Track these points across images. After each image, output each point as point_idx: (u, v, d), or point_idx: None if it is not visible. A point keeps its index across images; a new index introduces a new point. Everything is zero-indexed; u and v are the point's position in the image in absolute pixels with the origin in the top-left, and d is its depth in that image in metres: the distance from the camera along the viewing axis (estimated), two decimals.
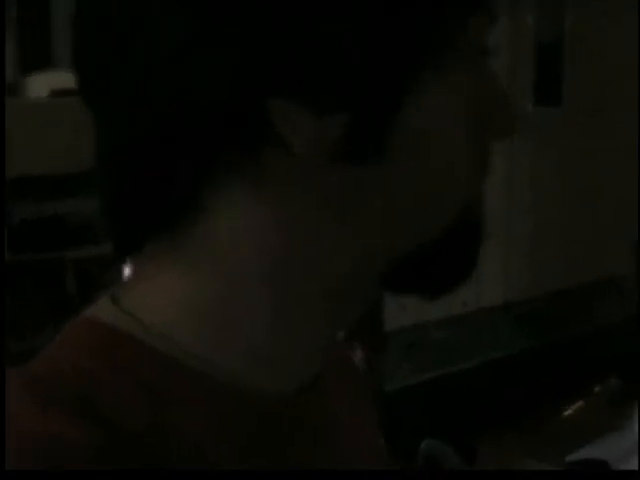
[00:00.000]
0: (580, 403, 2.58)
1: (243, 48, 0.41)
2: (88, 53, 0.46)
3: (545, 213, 2.72)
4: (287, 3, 0.41)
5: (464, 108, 0.46)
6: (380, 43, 0.42)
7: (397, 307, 2.18)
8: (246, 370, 0.47)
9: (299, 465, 0.48)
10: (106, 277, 0.53)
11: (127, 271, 0.50)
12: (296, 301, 0.47)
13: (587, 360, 2.73)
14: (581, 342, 2.79)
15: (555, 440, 2.30)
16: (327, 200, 0.45)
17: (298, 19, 0.41)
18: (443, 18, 0.44)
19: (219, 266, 0.46)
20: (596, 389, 2.67)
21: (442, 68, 0.44)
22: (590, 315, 2.88)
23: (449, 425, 2.23)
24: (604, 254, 2.96)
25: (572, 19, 2.68)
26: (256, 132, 0.43)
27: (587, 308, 2.88)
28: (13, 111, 1.53)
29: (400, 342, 2.24)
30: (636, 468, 2.01)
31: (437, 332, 2.53)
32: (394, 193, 0.45)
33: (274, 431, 0.48)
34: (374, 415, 0.63)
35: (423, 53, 0.44)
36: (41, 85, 1.57)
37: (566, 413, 2.52)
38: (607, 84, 2.87)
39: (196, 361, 0.45)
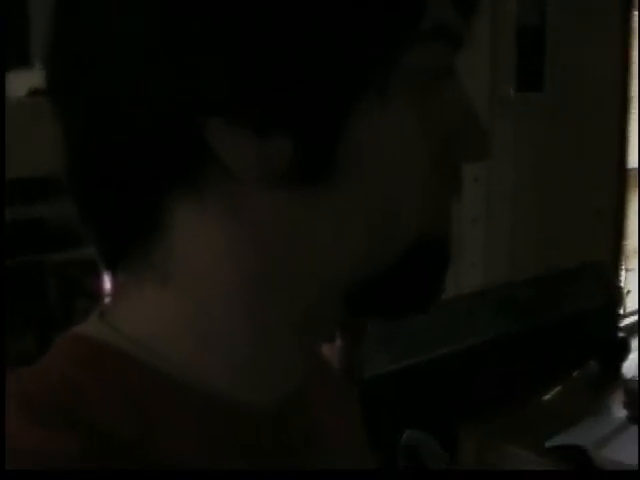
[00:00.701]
0: (559, 388, 2.60)
1: (178, 65, 0.40)
2: (55, 52, 0.45)
3: (525, 199, 2.72)
4: (224, 22, 0.40)
5: (423, 130, 0.45)
6: (320, 66, 0.41)
7: None
8: (228, 383, 0.47)
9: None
10: (87, 281, 0.53)
11: (108, 278, 0.50)
12: (263, 318, 0.47)
13: (565, 345, 2.74)
14: (559, 327, 2.80)
15: (534, 426, 2.31)
16: (276, 222, 0.44)
17: (233, 39, 0.40)
18: (383, 45, 0.43)
19: (186, 282, 0.46)
20: (575, 374, 2.69)
21: (389, 90, 0.44)
22: (568, 300, 2.89)
23: (428, 412, 2.23)
24: (583, 240, 2.98)
25: (553, 3, 2.68)
26: (194, 153, 0.42)
27: (565, 293, 2.89)
28: None
29: (377, 329, 2.23)
30: (614, 454, 2.03)
31: (414, 319, 2.52)
32: (345, 216, 0.45)
33: (258, 443, 0.47)
34: (357, 420, 0.63)
35: (365, 77, 0.43)
36: (19, 84, 1.54)
37: (545, 398, 2.53)
38: (589, 70, 2.87)
39: (179, 373, 0.45)
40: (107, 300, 0.50)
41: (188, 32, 0.40)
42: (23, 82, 1.52)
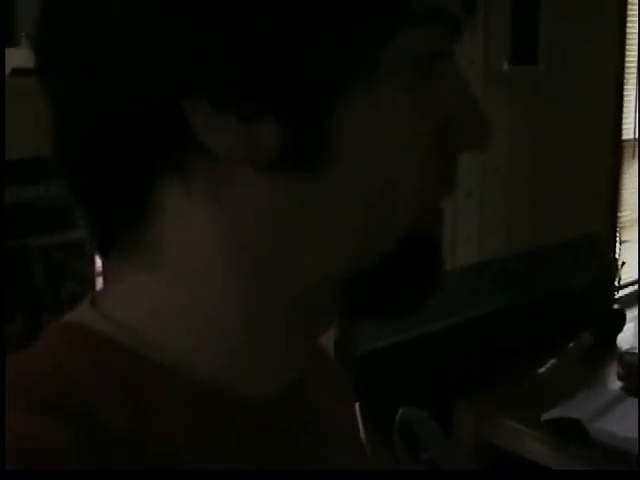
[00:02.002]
0: (554, 361, 2.61)
1: (163, 46, 0.40)
2: (44, 33, 0.45)
3: (520, 172, 2.71)
4: (209, 5, 0.39)
5: (417, 117, 0.44)
6: (305, 50, 0.40)
7: None
8: (223, 371, 0.46)
9: (281, 468, 0.48)
10: (74, 264, 0.52)
11: (99, 263, 0.50)
12: (255, 306, 0.46)
13: (561, 318, 2.75)
14: (555, 300, 2.80)
15: (530, 399, 2.32)
16: (262, 209, 0.43)
17: (218, 22, 0.39)
18: (371, 26, 0.41)
19: (175, 269, 0.45)
20: (570, 346, 2.70)
21: (379, 74, 0.42)
22: (564, 273, 2.89)
23: (423, 387, 2.24)
24: (579, 212, 2.97)
25: None
26: (179, 137, 0.42)
27: (560, 266, 2.89)
28: None
29: None
30: (610, 426, 2.05)
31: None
32: (335, 204, 0.43)
33: (255, 434, 0.47)
34: (355, 410, 0.63)
35: (352, 60, 0.41)
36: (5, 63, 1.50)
37: (540, 371, 2.55)
38: (585, 41, 2.85)
39: (172, 361, 0.45)
40: (99, 285, 0.50)
41: (173, 14, 0.39)
42: (7, 61, 1.50)
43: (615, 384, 2.38)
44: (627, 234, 3.31)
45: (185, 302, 0.46)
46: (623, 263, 3.06)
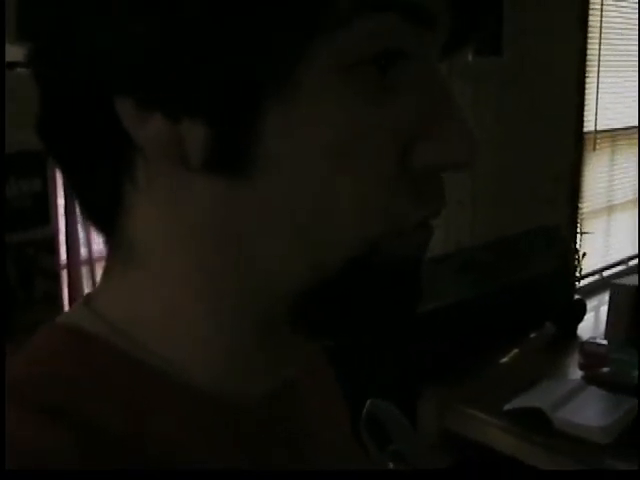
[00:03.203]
0: (516, 351, 2.63)
1: (90, 41, 0.39)
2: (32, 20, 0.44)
3: (483, 163, 2.73)
4: (132, 4, 0.38)
5: (366, 127, 0.40)
6: (223, 53, 0.38)
7: None
8: (210, 375, 0.46)
9: (269, 468, 0.47)
10: (45, 260, 0.52)
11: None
12: (222, 311, 0.45)
13: (522, 308, 2.77)
14: (516, 290, 2.83)
15: (492, 388, 2.35)
16: (205, 210, 0.42)
17: (140, 20, 0.38)
18: (283, 29, 0.38)
19: (148, 268, 0.45)
20: (531, 336, 2.72)
21: (303, 81, 0.39)
22: (525, 264, 2.92)
23: (388, 377, 2.25)
24: (541, 203, 3.00)
25: None
26: (118, 132, 0.41)
27: (522, 257, 2.92)
28: None
29: None
30: (572, 416, 2.07)
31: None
32: (268, 212, 0.41)
33: (250, 436, 0.47)
34: (344, 409, 0.62)
35: (268, 66, 0.38)
36: None
37: (502, 361, 2.57)
38: (548, 33, 2.88)
39: (161, 363, 0.45)
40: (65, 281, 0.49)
41: (103, 11, 0.39)
42: None
43: (576, 373, 2.41)
44: (588, 225, 3.35)
45: (160, 303, 0.45)
46: (584, 254, 3.10)
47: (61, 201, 1.66)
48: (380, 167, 0.41)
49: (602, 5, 3.18)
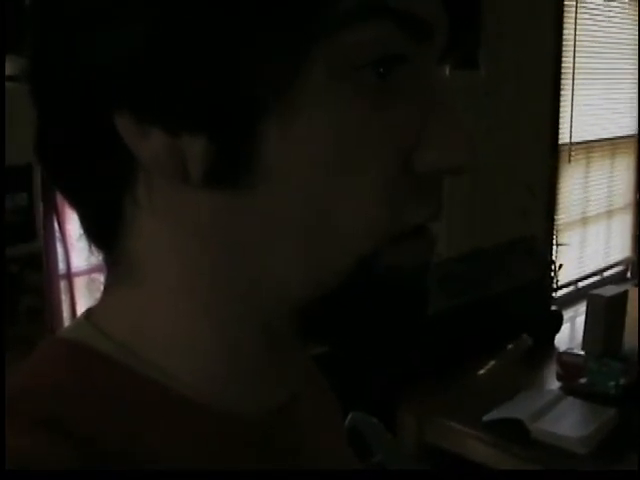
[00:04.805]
0: (493, 362, 2.64)
1: (89, 55, 0.39)
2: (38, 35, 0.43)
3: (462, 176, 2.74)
4: (135, 16, 0.39)
5: (368, 132, 0.40)
6: (221, 65, 0.38)
7: None
8: (212, 390, 0.45)
9: None
10: (29, 277, 0.51)
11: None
12: (224, 327, 0.45)
13: (499, 319, 2.78)
14: (493, 302, 2.84)
15: (471, 400, 2.35)
16: (206, 225, 0.42)
17: (138, 34, 0.38)
18: (288, 39, 0.38)
19: (149, 284, 0.45)
20: (508, 348, 2.73)
21: (303, 90, 0.39)
22: (501, 275, 2.93)
23: (366, 390, 2.24)
24: (517, 215, 3.02)
25: None
26: (116, 146, 0.41)
27: (498, 268, 2.93)
28: None
29: None
30: (550, 426, 2.08)
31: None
32: (272, 223, 0.41)
33: (252, 451, 0.46)
34: (340, 424, 0.62)
35: (267, 77, 0.39)
36: None
37: (480, 373, 2.57)
38: (524, 47, 2.90)
39: (162, 378, 0.44)
40: (55, 299, 0.49)
41: (103, 24, 0.39)
42: None
43: (554, 384, 2.42)
44: (563, 237, 3.38)
45: (162, 318, 0.45)
46: (560, 265, 3.12)
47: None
48: (381, 172, 0.41)
49: (576, 16, 3.21)
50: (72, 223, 1.57)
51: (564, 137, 3.30)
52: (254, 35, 0.38)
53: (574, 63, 3.23)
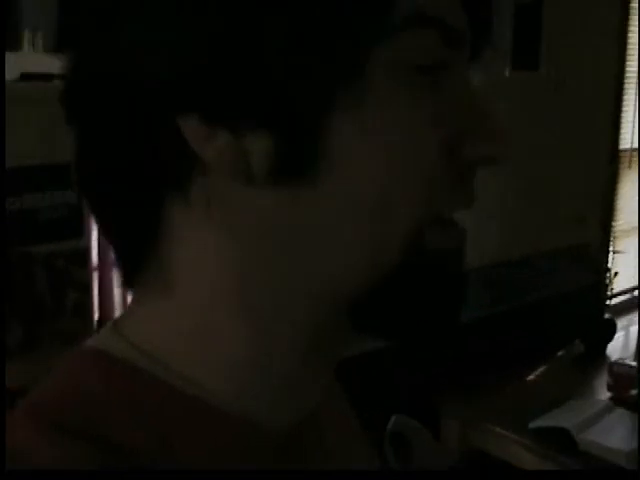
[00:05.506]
0: (544, 368, 2.61)
1: (153, 57, 0.40)
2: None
3: (515, 179, 2.70)
4: (200, 17, 0.39)
5: (420, 127, 0.43)
6: (296, 63, 0.40)
7: None
8: (240, 402, 0.46)
9: None
10: (76, 273, 0.52)
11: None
12: (264, 330, 0.45)
13: (552, 325, 2.74)
14: (546, 307, 2.80)
15: (518, 406, 2.32)
16: (262, 224, 0.43)
17: (206, 37, 0.39)
18: (349, 37, 0.41)
19: (184, 293, 0.45)
20: (559, 355, 2.69)
21: (367, 87, 0.41)
22: (555, 280, 2.89)
23: (412, 393, 2.23)
24: (573, 222, 2.97)
25: None
26: (177, 154, 0.42)
27: (553, 274, 2.89)
28: None
29: None
30: (598, 437, 2.04)
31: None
32: (333, 217, 0.43)
33: (273, 463, 0.46)
34: (362, 435, 0.62)
35: (336, 71, 0.41)
36: (11, 67, 1.44)
37: (529, 378, 2.54)
38: (586, 48, 2.85)
39: (190, 388, 0.45)
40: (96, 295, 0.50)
41: (169, 29, 0.40)
42: (14, 65, 1.44)
43: (604, 394, 2.38)
44: (620, 244, 3.31)
45: (197, 331, 0.45)
46: (616, 273, 3.06)
47: None
48: (431, 160, 0.44)
49: None
50: None
51: (625, 142, 3.23)
52: (319, 36, 0.40)
53: (639, 66, 3.16)
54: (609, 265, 3.11)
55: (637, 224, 2.97)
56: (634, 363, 2.39)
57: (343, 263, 0.44)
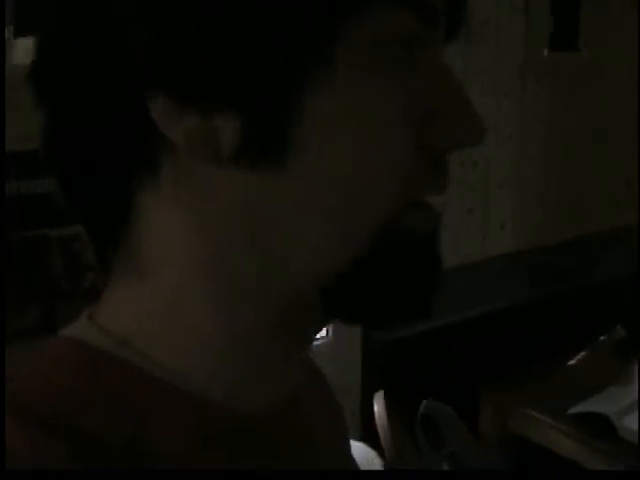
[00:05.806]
0: (584, 353, 2.57)
1: (121, 36, 0.40)
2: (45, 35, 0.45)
3: (555, 162, 2.67)
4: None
5: (393, 107, 0.42)
6: (265, 43, 0.40)
7: None
8: (215, 386, 0.45)
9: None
10: (91, 256, 0.53)
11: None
12: (236, 313, 0.45)
13: (593, 310, 2.71)
14: (587, 292, 2.77)
15: (557, 392, 2.30)
16: (235, 208, 0.42)
17: (173, 15, 0.39)
18: (322, 13, 0.40)
19: (156, 280, 0.45)
20: (601, 339, 2.66)
21: (337, 65, 0.41)
22: (597, 265, 2.85)
23: (451, 377, 2.22)
24: (614, 204, 2.92)
25: None
26: (145, 135, 0.41)
27: (594, 258, 2.85)
28: None
29: None
30: (637, 424, 2.01)
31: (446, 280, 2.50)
32: (304, 199, 0.42)
33: (252, 447, 0.46)
34: (343, 420, 0.62)
35: (307, 50, 0.40)
36: (27, 51, 1.45)
37: (570, 364, 2.51)
38: (627, 27, 2.79)
39: (166, 375, 0.44)
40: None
41: (133, 5, 0.40)
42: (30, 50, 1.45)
43: None
44: None
45: (169, 314, 0.45)
46: None
47: None
48: (402, 142, 0.43)
49: None
50: None
51: None
52: (288, 15, 0.39)
53: None
54: None
55: None
56: None
57: (313, 247, 0.43)
